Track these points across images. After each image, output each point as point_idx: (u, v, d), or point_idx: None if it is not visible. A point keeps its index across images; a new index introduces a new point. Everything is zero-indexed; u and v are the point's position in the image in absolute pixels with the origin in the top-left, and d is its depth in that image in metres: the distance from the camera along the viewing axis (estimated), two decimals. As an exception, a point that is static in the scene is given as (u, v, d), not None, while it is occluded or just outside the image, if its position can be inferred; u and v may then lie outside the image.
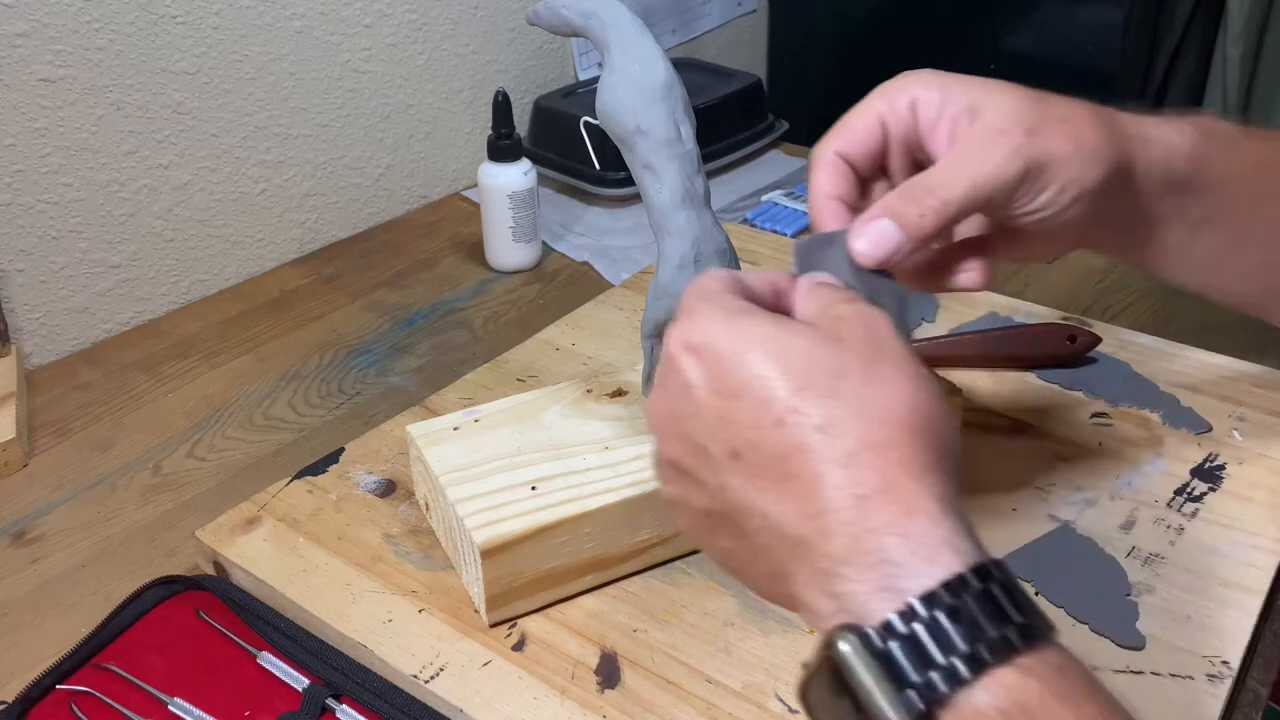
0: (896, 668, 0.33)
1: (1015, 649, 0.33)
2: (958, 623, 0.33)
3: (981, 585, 0.34)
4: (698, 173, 0.50)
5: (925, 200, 0.45)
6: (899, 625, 0.33)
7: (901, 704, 0.33)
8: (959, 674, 0.32)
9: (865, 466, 0.35)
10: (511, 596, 0.53)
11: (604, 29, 0.51)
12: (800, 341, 0.38)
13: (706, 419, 0.38)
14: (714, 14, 1.38)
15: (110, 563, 0.63)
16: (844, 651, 0.34)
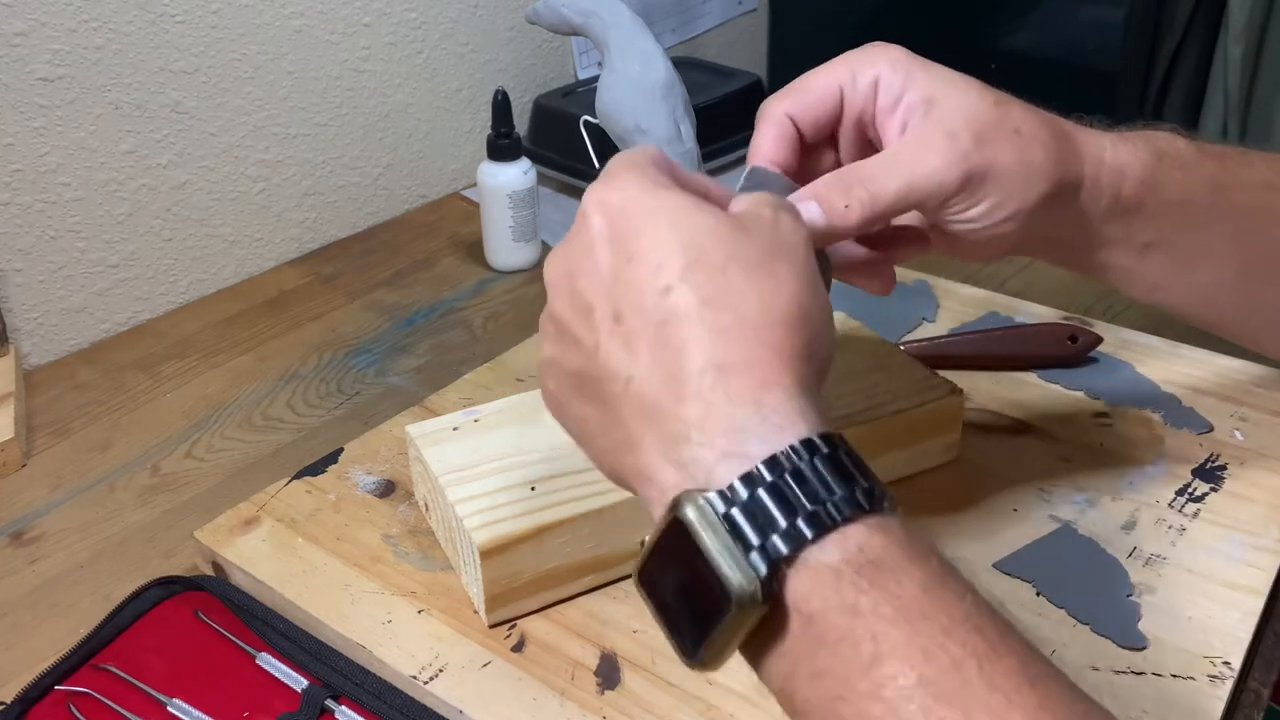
0: (740, 530, 0.33)
1: (861, 509, 0.34)
2: (803, 485, 0.34)
3: (828, 450, 0.34)
4: (698, 171, 0.50)
5: (855, 191, 0.45)
6: (743, 489, 0.34)
7: (748, 564, 0.33)
8: (803, 533, 0.33)
9: (734, 341, 0.36)
10: (511, 597, 0.53)
11: (604, 28, 0.51)
12: (707, 220, 0.38)
13: (601, 278, 0.38)
14: (714, 13, 1.38)
15: (109, 563, 0.63)
16: (688, 515, 0.34)
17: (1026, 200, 0.47)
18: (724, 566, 0.33)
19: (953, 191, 0.46)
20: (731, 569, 0.33)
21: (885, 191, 0.45)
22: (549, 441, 0.57)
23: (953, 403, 0.62)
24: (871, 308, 0.78)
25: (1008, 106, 0.48)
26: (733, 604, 0.33)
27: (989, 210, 0.47)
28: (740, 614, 0.33)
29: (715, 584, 0.33)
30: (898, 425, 0.60)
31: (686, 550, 0.34)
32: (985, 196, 0.46)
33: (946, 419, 0.62)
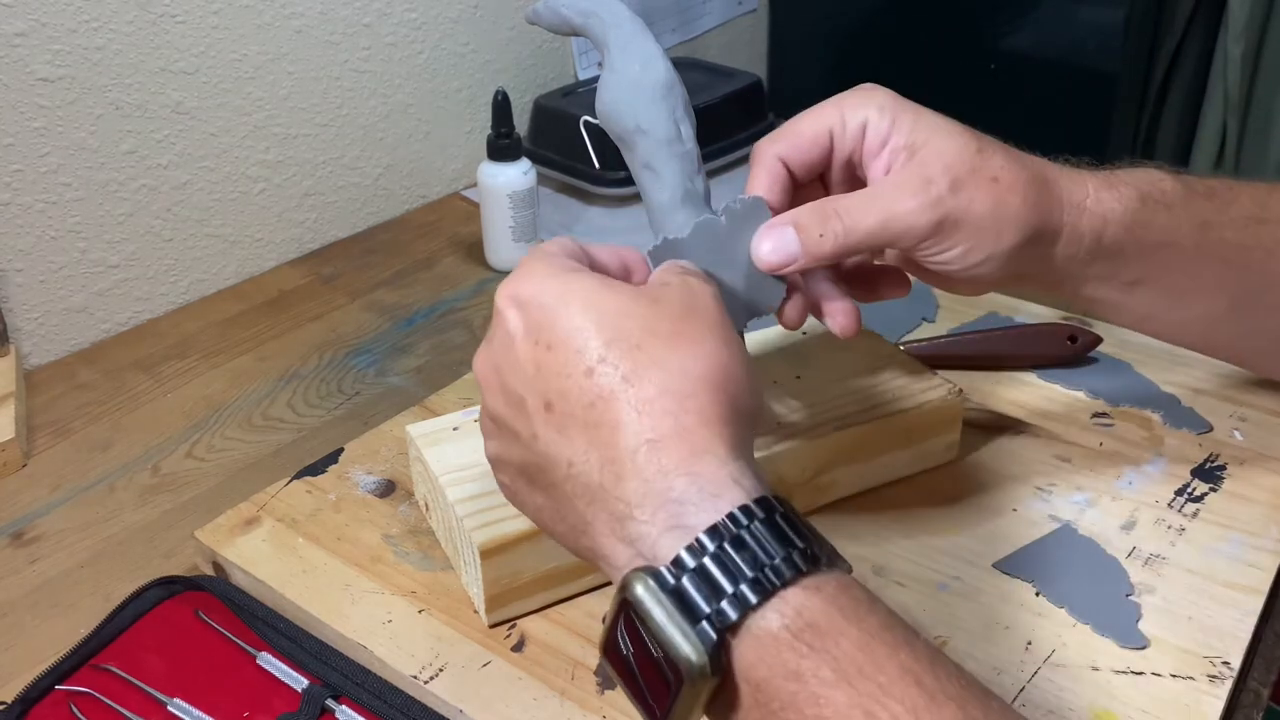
0: (688, 601, 0.34)
1: (800, 571, 0.34)
2: (743, 551, 0.34)
3: (765, 515, 0.36)
4: (698, 172, 0.50)
5: (831, 223, 0.47)
6: (688, 560, 0.35)
7: (696, 636, 0.34)
8: (747, 599, 0.34)
9: (661, 413, 0.37)
10: (511, 597, 0.53)
11: (604, 28, 0.51)
12: (618, 299, 0.40)
13: (525, 370, 0.40)
14: (714, 13, 1.38)
15: (109, 563, 0.63)
16: (638, 593, 0.35)
17: (1000, 246, 0.48)
18: (674, 640, 0.34)
19: (924, 235, 0.47)
20: (681, 643, 0.34)
21: (859, 226, 0.47)
22: (549, 441, 0.57)
23: (953, 403, 0.62)
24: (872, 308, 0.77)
25: (989, 154, 0.49)
26: (684, 677, 0.34)
27: (962, 254, 0.48)
28: (693, 686, 0.34)
29: (667, 659, 0.34)
30: (898, 425, 0.60)
31: (639, 626, 0.35)
32: (958, 242, 0.48)
33: (946, 419, 0.62)
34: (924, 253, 0.48)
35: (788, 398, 0.61)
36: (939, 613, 0.54)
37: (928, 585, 0.55)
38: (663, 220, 0.50)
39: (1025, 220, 0.48)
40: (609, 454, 0.38)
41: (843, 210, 0.47)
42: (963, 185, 0.47)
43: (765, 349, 0.65)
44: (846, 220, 0.47)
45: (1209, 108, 1.48)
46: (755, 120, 1.16)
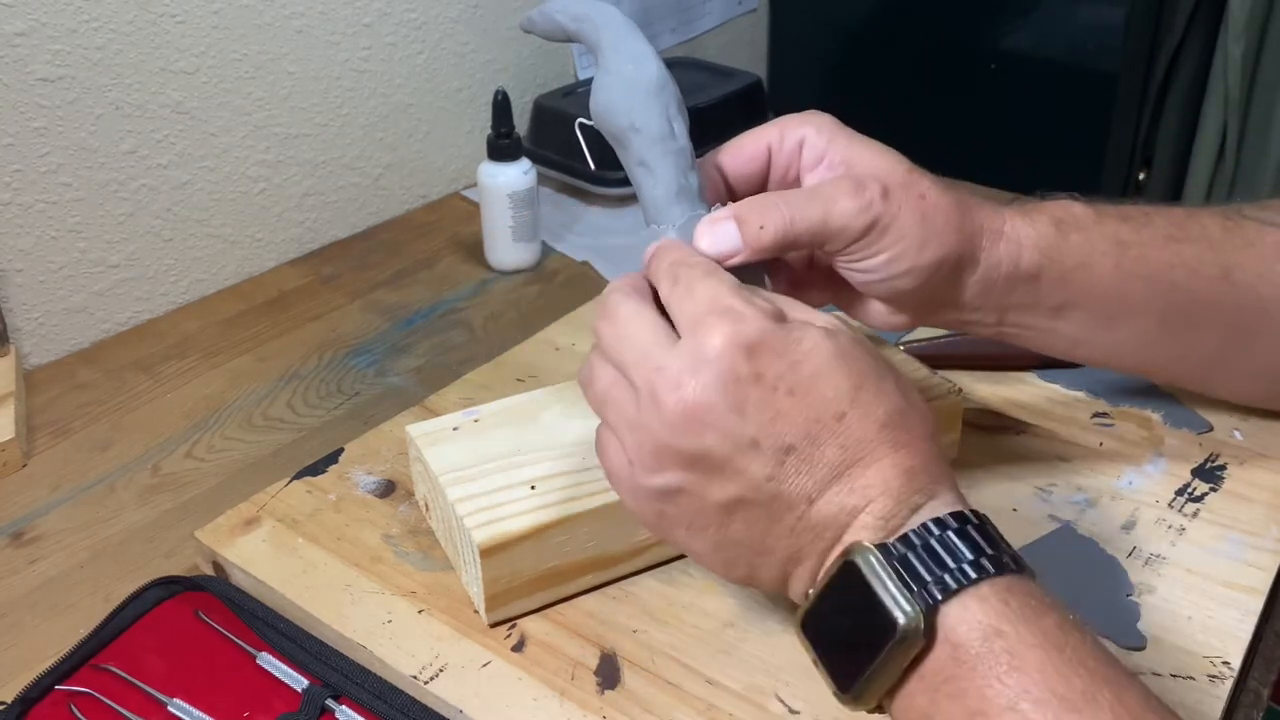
0: (911, 569, 0.38)
1: (1009, 569, 0.38)
2: (965, 540, 0.39)
3: (980, 523, 0.40)
4: (691, 169, 0.51)
5: (772, 214, 0.48)
6: (915, 539, 0.39)
7: (913, 602, 0.37)
8: (965, 575, 0.38)
9: (915, 452, 0.42)
10: (511, 596, 0.53)
11: (596, 31, 0.52)
12: (845, 344, 0.43)
13: (761, 415, 0.41)
14: (714, 13, 1.38)
15: (109, 563, 0.63)
16: (862, 559, 0.39)
17: (921, 259, 0.50)
18: (890, 603, 0.38)
19: (857, 234, 0.49)
20: (896, 605, 0.37)
21: (800, 219, 0.48)
22: (549, 441, 0.57)
23: (953, 403, 0.62)
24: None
25: (918, 175, 0.51)
26: (896, 636, 0.37)
27: (886, 262, 0.50)
28: (902, 647, 0.37)
29: (880, 620, 0.38)
30: (897, 425, 0.60)
31: (855, 592, 0.39)
32: (884, 249, 0.49)
33: (946, 419, 0.62)
34: (850, 256, 0.50)
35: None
36: (939, 613, 0.54)
37: (928, 585, 0.55)
38: (657, 216, 0.51)
39: (947, 240, 0.50)
40: (860, 483, 0.41)
41: (784, 203, 0.48)
42: (893, 196, 0.49)
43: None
44: (787, 212, 0.48)
45: (1209, 108, 1.48)
46: (755, 120, 1.15)
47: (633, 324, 0.44)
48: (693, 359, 0.42)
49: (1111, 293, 0.54)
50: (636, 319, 0.44)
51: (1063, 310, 0.54)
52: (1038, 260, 0.52)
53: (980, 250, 0.51)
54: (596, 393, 0.46)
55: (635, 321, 0.44)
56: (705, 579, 0.56)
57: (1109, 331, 0.55)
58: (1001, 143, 1.36)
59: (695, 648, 0.52)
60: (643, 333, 0.44)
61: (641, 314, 0.44)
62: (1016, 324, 0.55)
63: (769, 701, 0.49)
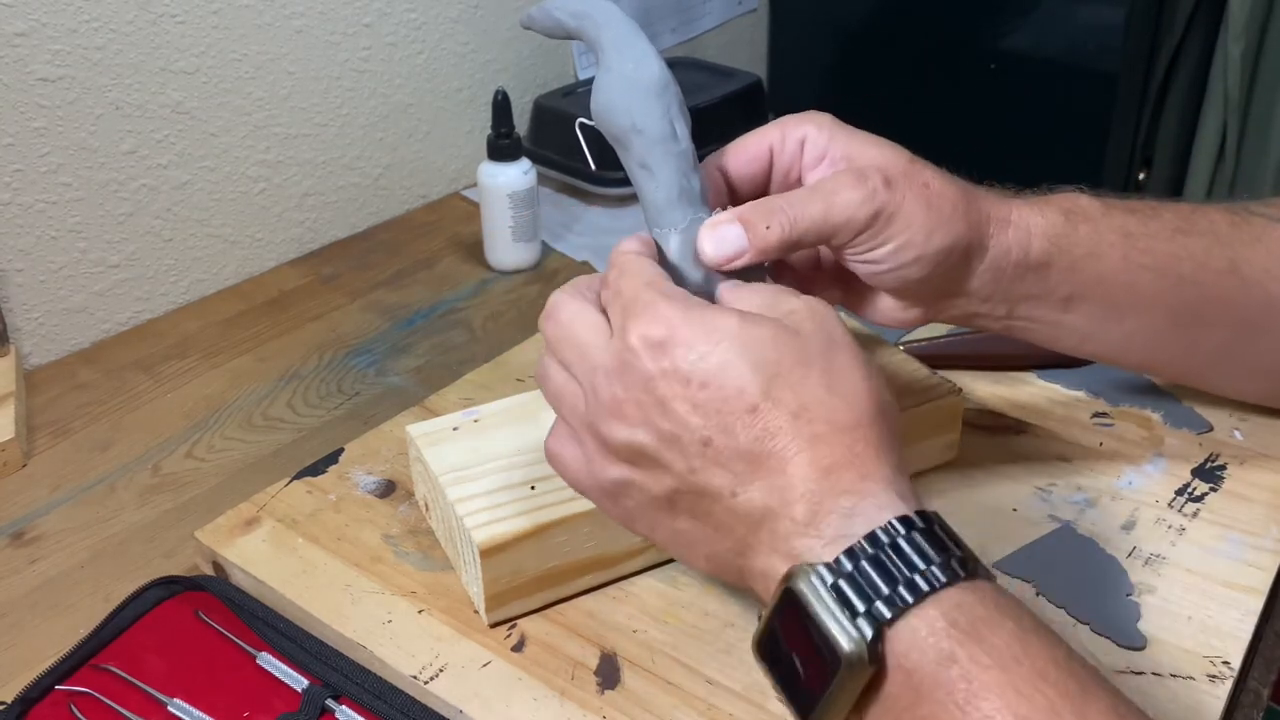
0: (849, 597, 0.37)
1: (957, 575, 0.37)
2: (902, 555, 0.37)
3: (925, 526, 0.38)
4: (693, 170, 0.51)
5: (776, 215, 0.48)
6: (847, 563, 0.37)
7: (855, 629, 0.36)
8: (905, 597, 0.36)
9: (833, 445, 0.40)
10: (511, 596, 0.53)
11: (597, 29, 0.51)
12: (763, 332, 0.42)
13: (677, 409, 0.41)
14: (714, 13, 1.38)
15: (109, 563, 0.63)
16: (801, 587, 0.38)
17: (929, 247, 0.49)
18: (834, 631, 0.36)
19: (862, 225, 0.48)
20: (840, 633, 0.36)
21: (804, 216, 0.48)
22: (549, 441, 0.57)
23: (953, 403, 0.62)
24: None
25: (920, 165, 0.51)
26: (842, 666, 0.36)
27: (894, 251, 0.49)
28: (850, 675, 0.36)
29: (826, 649, 0.37)
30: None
31: (799, 619, 0.38)
32: (891, 237, 0.49)
33: (946, 419, 0.62)
34: (858, 248, 0.50)
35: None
36: (939, 613, 0.54)
37: (928, 585, 0.55)
38: (659, 219, 0.50)
39: (954, 226, 0.50)
40: (778, 481, 0.40)
41: (786, 204, 0.48)
42: (897, 185, 0.49)
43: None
44: (791, 211, 0.48)
45: (1209, 108, 1.48)
46: (755, 120, 1.15)
47: (574, 324, 0.45)
48: (616, 357, 0.43)
49: (1120, 284, 0.53)
50: (576, 319, 0.45)
51: (1071, 302, 0.54)
52: (1047, 249, 0.52)
53: (988, 237, 0.51)
54: (550, 391, 0.47)
55: (575, 322, 0.45)
56: (705, 579, 0.56)
57: (1117, 325, 0.55)
58: (1001, 143, 1.36)
59: (695, 648, 0.52)
60: (581, 333, 0.45)
61: (581, 314, 0.45)
62: (1026, 317, 0.54)
63: (769, 701, 0.49)
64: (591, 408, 0.44)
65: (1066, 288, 0.53)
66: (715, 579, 0.56)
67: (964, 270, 0.51)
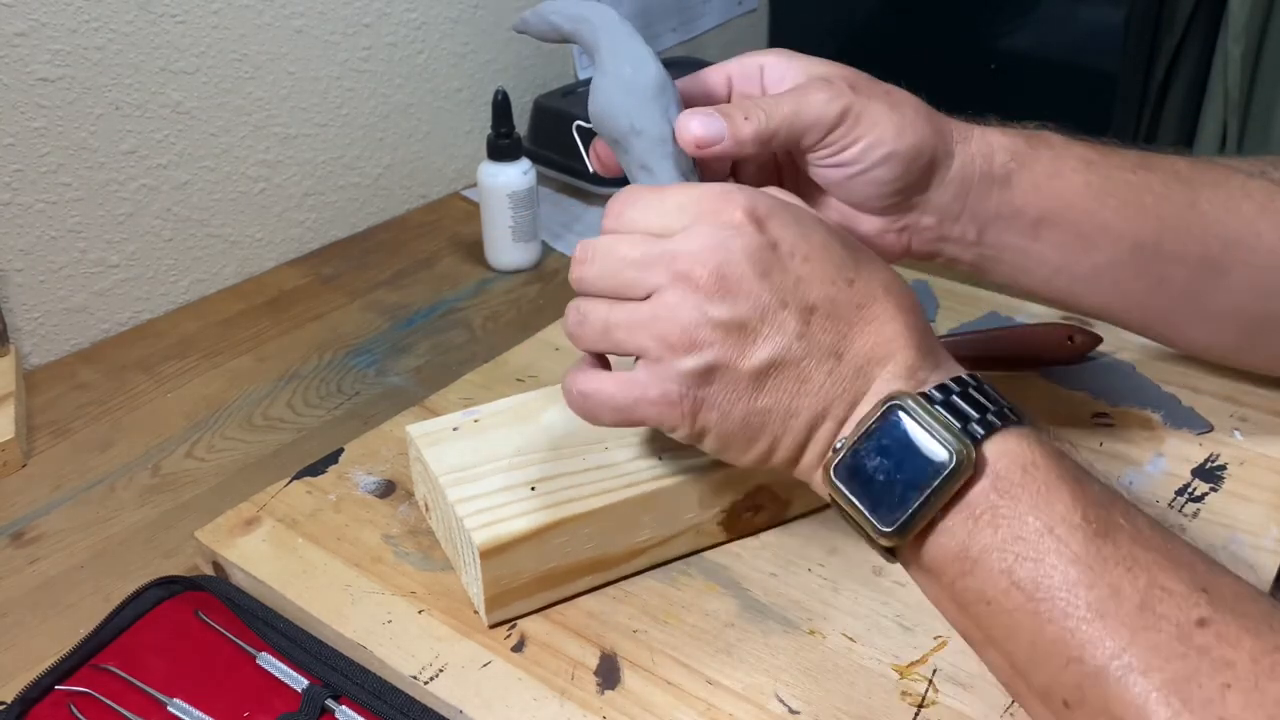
0: (957, 410, 0.42)
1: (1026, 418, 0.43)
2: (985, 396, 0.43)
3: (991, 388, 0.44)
4: (692, 170, 0.51)
5: (752, 109, 0.51)
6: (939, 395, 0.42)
7: (964, 434, 0.41)
8: (1005, 415, 0.42)
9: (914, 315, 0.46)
10: (511, 597, 0.53)
11: (593, 32, 0.51)
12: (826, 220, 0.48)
13: (782, 278, 0.44)
14: (714, 13, 1.38)
15: (109, 563, 0.63)
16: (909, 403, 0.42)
17: (900, 144, 0.52)
18: (940, 440, 0.41)
19: (833, 123, 0.51)
20: (946, 442, 0.41)
21: (777, 112, 0.51)
22: (549, 441, 0.57)
23: (953, 403, 0.61)
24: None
25: (878, 81, 0.54)
26: (950, 467, 0.40)
27: (864, 150, 0.51)
28: (954, 477, 0.40)
29: (927, 456, 0.41)
30: (898, 425, 0.60)
31: (899, 432, 0.42)
32: (861, 135, 0.51)
33: (946, 419, 0.62)
34: (829, 149, 0.52)
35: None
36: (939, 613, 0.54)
37: (928, 585, 0.55)
38: None
39: (920, 129, 0.52)
40: (880, 338, 0.44)
41: (759, 101, 0.51)
42: (860, 90, 0.52)
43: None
44: (765, 107, 0.51)
45: (1209, 108, 1.48)
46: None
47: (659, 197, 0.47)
48: (713, 235, 0.44)
49: (1085, 209, 0.55)
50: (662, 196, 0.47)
51: (1039, 227, 0.55)
52: (1009, 163, 0.54)
53: (953, 144, 0.54)
54: (594, 324, 0.47)
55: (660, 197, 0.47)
56: (705, 579, 0.56)
57: (1084, 256, 0.56)
58: (1001, 143, 1.35)
59: (695, 648, 0.52)
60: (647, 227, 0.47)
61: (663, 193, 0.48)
62: (996, 244, 0.55)
63: (769, 701, 0.49)
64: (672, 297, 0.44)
65: (1033, 209, 0.54)
66: (718, 579, 0.55)
67: (931, 177, 0.53)
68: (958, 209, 0.54)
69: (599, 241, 0.47)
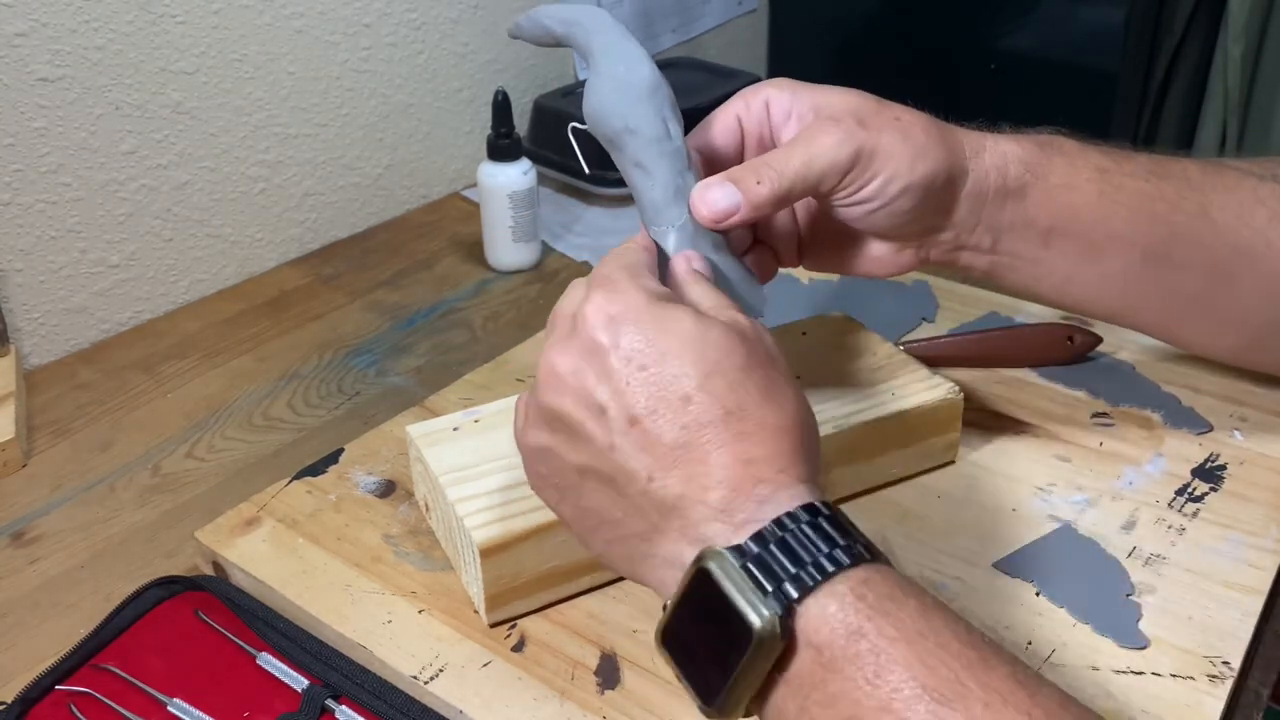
0: (757, 577, 0.37)
1: (863, 558, 0.38)
2: (815, 535, 0.38)
3: (830, 514, 0.39)
4: (688, 169, 0.51)
5: (763, 170, 0.49)
6: (754, 546, 0.38)
7: (765, 605, 0.36)
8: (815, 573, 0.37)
9: (758, 443, 0.41)
10: (511, 597, 0.53)
11: (586, 35, 0.51)
12: (712, 333, 0.42)
13: (614, 384, 0.42)
14: (714, 13, 1.38)
15: (109, 563, 0.63)
16: (711, 567, 0.38)
17: (915, 175, 0.51)
18: (745, 608, 0.36)
19: (846, 166, 0.50)
20: (751, 610, 0.36)
21: (789, 168, 0.49)
22: (549, 441, 0.57)
23: (953, 403, 0.62)
24: (871, 308, 0.78)
25: (888, 104, 0.52)
26: (753, 641, 0.36)
27: (881, 186, 0.51)
28: (760, 651, 0.36)
29: (738, 625, 0.37)
30: (898, 425, 0.60)
31: (710, 600, 0.38)
32: (877, 172, 0.50)
33: (946, 419, 0.62)
34: (846, 191, 0.51)
35: (788, 398, 0.61)
36: (939, 613, 0.54)
37: (928, 585, 0.55)
38: (655, 218, 0.51)
39: (932, 152, 0.51)
40: (699, 469, 0.40)
41: (769, 160, 0.50)
42: (869, 123, 0.50)
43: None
44: (776, 165, 0.49)
45: (1209, 108, 1.48)
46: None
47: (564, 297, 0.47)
48: (569, 325, 0.44)
49: (1095, 220, 0.54)
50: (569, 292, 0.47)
51: (1051, 236, 0.55)
52: (1023, 175, 0.53)
53: (966, 163, 0.53)
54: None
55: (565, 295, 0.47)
56: (705, 579, 0.56)
57: (1095, 265, 0.56)
58: (1001, 143, 1.36)
59: (695, 648, 0.52)
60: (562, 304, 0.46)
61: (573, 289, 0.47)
62: (1009, 252, 0.55)
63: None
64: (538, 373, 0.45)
65: (1045, 219, 0.54)
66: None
67: (949, 198, 0.53)
68: (973, 222, 0.54)
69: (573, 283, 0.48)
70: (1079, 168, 0.55)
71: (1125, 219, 0.55)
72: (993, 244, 0.55)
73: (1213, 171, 0.57)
